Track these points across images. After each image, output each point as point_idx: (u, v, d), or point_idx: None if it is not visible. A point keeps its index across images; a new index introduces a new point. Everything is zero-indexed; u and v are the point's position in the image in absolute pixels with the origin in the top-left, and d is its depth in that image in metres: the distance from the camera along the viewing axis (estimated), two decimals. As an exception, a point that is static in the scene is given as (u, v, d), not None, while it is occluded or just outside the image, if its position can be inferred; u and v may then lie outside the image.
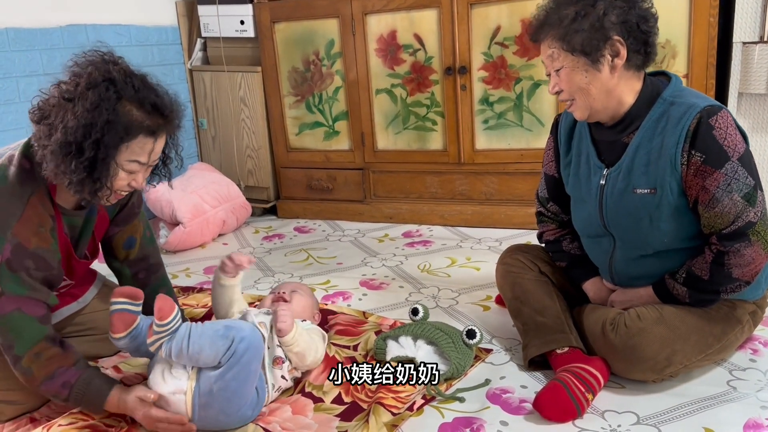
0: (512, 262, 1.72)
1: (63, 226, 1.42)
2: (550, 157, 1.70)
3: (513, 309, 1.67)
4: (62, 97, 1.25)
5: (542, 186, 1.74)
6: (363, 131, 2.85)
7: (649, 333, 1.41)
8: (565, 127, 1.63)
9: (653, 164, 1.42)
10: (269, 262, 2.48)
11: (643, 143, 1.44)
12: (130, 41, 2.85)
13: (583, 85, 1.41)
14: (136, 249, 1.65)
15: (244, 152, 3.14)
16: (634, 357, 1.41)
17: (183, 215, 2.62)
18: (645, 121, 1.43)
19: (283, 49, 2.92)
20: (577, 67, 1.40)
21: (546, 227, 1.75)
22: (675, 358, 1.41)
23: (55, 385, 1.34)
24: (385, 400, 1.41)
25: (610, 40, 1.36)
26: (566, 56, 1.40)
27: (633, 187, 1.45)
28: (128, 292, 1.37)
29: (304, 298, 1.67)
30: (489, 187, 2.72)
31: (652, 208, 1.43)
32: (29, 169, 1.34)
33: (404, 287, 2.13)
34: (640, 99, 1.44)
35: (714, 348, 1.45)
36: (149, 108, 1.29)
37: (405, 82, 2.73)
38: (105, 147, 1.25)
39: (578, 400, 1.37)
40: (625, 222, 1.49)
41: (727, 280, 1.40)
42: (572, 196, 1.64)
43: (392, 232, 2.75)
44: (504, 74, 2.55)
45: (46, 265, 1.35)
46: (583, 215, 1.59)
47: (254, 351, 1.32)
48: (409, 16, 2.64)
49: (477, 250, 2.44)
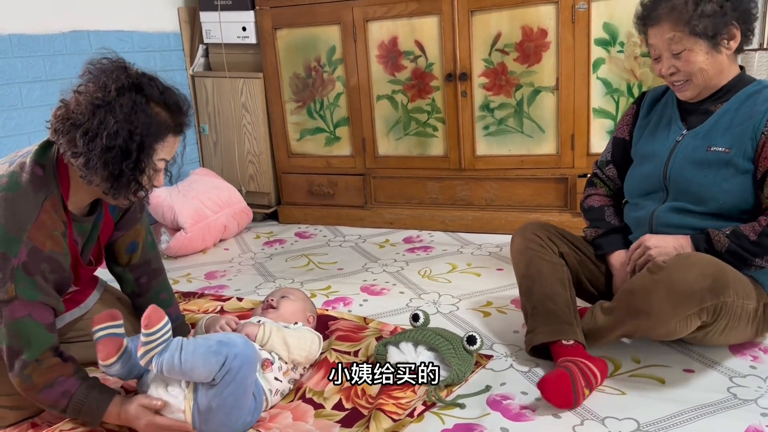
0: (533, 238, 1.69)
1: (73, 232, 1.43)
2: (626, 122, 1.77)
3: (524, 286, 1.66)
4: (94, 104, 1.27)
5: (606, 149, 1.81)
6: (364, 137, 2.86)
7: (701, 257, 1.43)
8: (651, 96, 1.72)
9: (735, 127, 1.50)
10: (270, 267, 2.49)
11: (730, 110, 1.52)
12: (132, 47, 2.86)
13: (704, 66, 1.49)
14: (138, 253, 1.66)
15: (245, 158, 3.15)
16: (694, 273, 1.37)
17: (184, 220, 2.63)
18: (739, 93, 1.52)
19: (285, 56, 2.93)
20: (699, 50, 1.48)
21: (595, 190, 1.81)
22: (730, 283, 1.39)
23: (55, 394, 1.33)
24: (386, 407, 1.41)
25: (729, 24, 1.46)
26: (689, 39, 1.47)
27: (708, 145, 1.52)
28: (108, 316, 1.36)
29: (293, 302, 1.69)
30: (489, 193, 2.72)
31: (721, 164, 1.50)
32: (42, 176, 1.35)
33: (405, 293, 2.14)
34: (736, 78, 1.54)
35: (749, 302, 1.44)
36: (174, 107, 1.34)
37: (406, 88, 2.74)
38: (147, 148, 1.30)
39: (578, 393, 1.41)
40: (689, 174, 1.54)
41: None
42: (639, 153, 1.69)
43: (393, 238, 2.75)
44: (504, 81, 2.56)
45: (60, 268, 1.36)
46: (645, 171, 1.64)
47: (249, 365, 1.32)
48: (410, 23, 2.65)
49: (477, 256, 2.45)
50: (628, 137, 1.75)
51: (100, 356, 1.34)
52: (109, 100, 1.27)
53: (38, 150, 1.38)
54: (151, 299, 1.69)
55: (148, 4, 2.95)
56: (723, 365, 1.56)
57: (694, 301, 1.37)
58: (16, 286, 1.29)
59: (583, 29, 2.40)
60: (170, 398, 1.33)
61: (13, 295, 1.29)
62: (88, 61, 1.33)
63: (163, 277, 1.73)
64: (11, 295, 1.29)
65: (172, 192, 2.74)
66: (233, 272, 2.47)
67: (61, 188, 1.37)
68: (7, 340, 1.31)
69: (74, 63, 2.58)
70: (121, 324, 1.37)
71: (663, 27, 1.50)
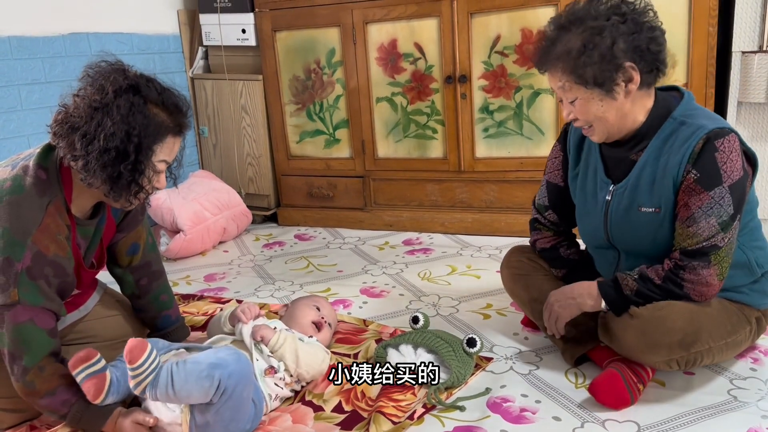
0: (518, 264, 1.72)
1: (77, 235, 1.43)
2: (555, 165, 1.68)
3: (536, 311, 1.65)
4: (91, 106, 1.27)
5: (542, 193, 1.72)
6: (363, 139, 2.86)
7: (676, 306, 1.40)
8: (574, 138, 1.62)
9: (658, 183, 1.42)
10: (269, 269, 2.48)
11: (650, 161, 1.43)
12: (131, 49, 2.86)
13: (600, 114, 1.40)
14: (139, 255, 1.66)
15: (245, 160, 3.15)
16: (663, 328, 1.37)
17: (184, 223, 2.63)
18: (654, 139, 1.43)
19: (284, 58, 2.93)
20: (592, 98, 1.38)
21: (540, 235, 1.73)
22: (702, 335, 1.39)
23: (56, 401, 1.33)
24: (386, 409, 1.41)
25: (622, 68, 1.34)
26: (579, 89, 1.38)
27: (638, 205, 1.46)
28: (81, 359, 1.31)
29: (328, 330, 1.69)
30: (489, 195, 2.72)
31: (656, 226, 1.44)
32: (45, 180, 1.35)
33: (404, 295, 2.13)
34: (650, 116, 1.43)
35: (731, 338, 1.45)
36: (172, 108, 1.34)
37: (405, 90, 2.74)
38: (145, 150, 1.30)
39: (633, 390, 1.41)
40: (630, 238, 1.49)
41: (676, 291, 1.40)
42: (578, 207, 1.63)
43: (392, 240, 2.75)
44: (504, 83, 2.56)
45: (63, 272, 1.36)
46: (590, 228, 1.59)
47: (244, 381, 1.30)
48: (410, 25, 2.65)
49: (477, 258, 2.44)
50: (562, 184, 1.66)
51: (89, 397, 1.31)
52: (106, 102, 1.27)
53: (41, 153, 1.38)
54: (151, 301, 1.69)
55: (148, 7, 2.95)
56: (723, 367, 1.56)
57: (663, 353, 1.39)
58: (19, 290, 1.28)
59: (583, 31, 2.39)
60: (168, 412, 1.32)
61: (16, 299, 1.29)
62: (87, 64, 1.33)
63: (164, 279, 1.73)
64: (14, 300, 1.28)
65: (172, 194, 2.74)
66: (232, 274, 2.46)
67: (64, 192, 1.37)
68: (8, 344, 1.31)
69: (73, 65, 2.58)
70: (99, 360, 1.32)
71: (553, 74, 1.40)
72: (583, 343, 1.57)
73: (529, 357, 1.67)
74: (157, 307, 1.70)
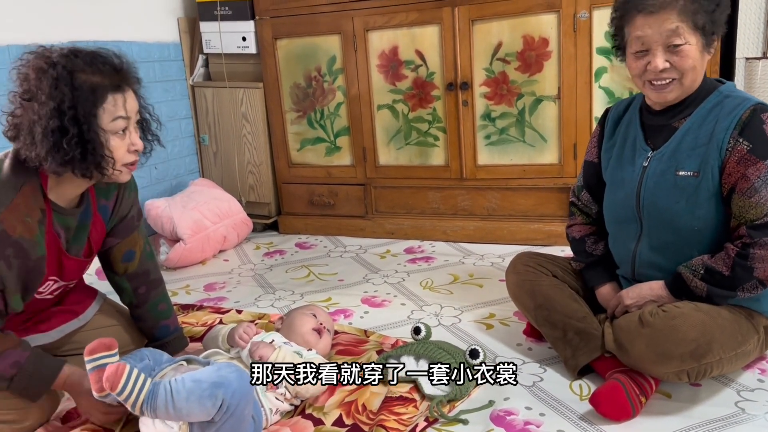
0: (524, 270, 1.71)
1: (53, 222, 1.41)
2: (593, 143, 1.71)
3: (540, 318, 1.64)
4: (23, 98, 1.27)
5: (580, 175, 1.76)
6: (365, 146, 2.85)
7: (689, 316, 1.38)
8: (614, 115, 1.65)
9: (700, 148, 1.43)
10: (270, 278, 2.46)
11: (693, 128, 1.45)
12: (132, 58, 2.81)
13: (696, 65, 1.40)
14: (135, 262, 1.64)
15: (245, 168, 3.13)
16: (675, 338, 1.36)
17: (183, 231, 2.61)
18: (699, 108, 1.45)
19: (285, 65, 2.92)
20: (698, 47, 1.39)
21: (574, 220, 1.77)
22: (714, 346, 1.37)
23: (4, 365, 1.33)
24: (387, 423, 1.39)
25: (721, 26, 1.40)
26: (692, 34, 1.38)
27: (676, 169, 1.46)
28: (102, 345, 1.29)
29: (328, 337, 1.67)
30: (491, 203, 2.70)
31: (691, 190, 1.44)
32: (23, 163, 1.34)
33: (406, 305, 2.11)
34: (699, 88, 1.46)
35: (741, 348, 1.43)
36: (104, 69, 1.31)
37: (407, 97, 2.72)
38: (84, 117, 1.27)
39: (634, 402, 1.38)
40: (662, 203, 1.48)
41: (747, 276, 1.38)
42: (609, 180, 1.64)
43: (394, 248, 2.73)
44: (506, 90, 2.54)
45: (25, 255, 1.34)
46: (618, 198, 1.59)
47: (246, 398, 1.27)
48: (411, 33, 2.64)
49: (480, 267, 2.42)
50: (596, 160, 1.69)
51: (94, 388, 1.28)
52: (30, 88, 1.26)
53: None
54: (149, 310, 1.67)
55: (148, 15, 2.94)
56: (730, 379, 1.53)
57: (674, 364, 1.38)
58: None
59: (585, 38, 2.38)
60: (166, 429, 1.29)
61: None
62: (12, 63, 1.32)
63: (162, 288, 1.71)
64: None
65: (172, 203, 2.72)
66: (233, 284, 2.44)
67: (41, 178, 1.37)
68: None
69: (73, 73, 2.56)
70: (115, 353, 1.31)
71: (664, 16, 1.36)
72: (587, 353, 1.55)
73: (533, 368, 1.64)
74: (155, 316, 1.68)
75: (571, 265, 1.75)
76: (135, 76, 1.39)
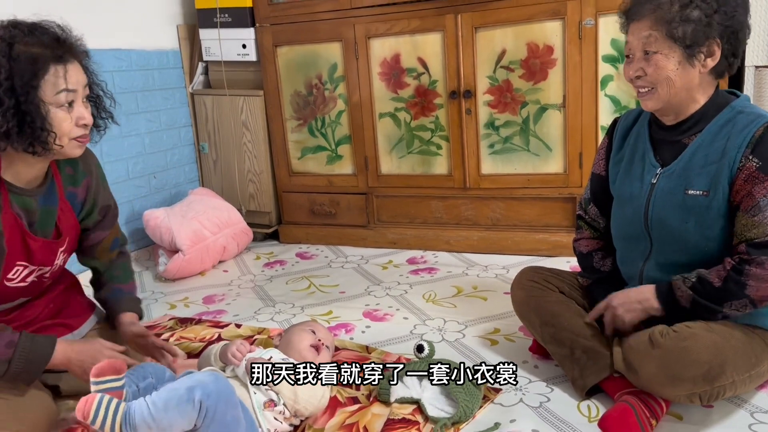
0: (530, 286, 1.67)
1: (9, 202, 1.38)
2: (601, 156, 1.66)
3: (547, 335, 1.60)
4: None
5: (587, 188, 1.72)
6: (366, 155, 2.80)
7: (700, 337, 1.33)
8: (622, 126, 1.60)
9: (711, 165, 1.38)
10: (270, 290, 2.42)
11: (704, 145, 1.40)
12: (130, 66, 2.81)
13: (671, 76, 1.37)
14: (117, 249, 1.73)
15: (245, 176, 3.09)
16: (687, 360, 1.31)
17: (182, 242, 2.57)
18: (711, 124, 1.41)
19: (286, 73, 2.88)
20: (672, 57, 1.36)
21: (581, 234, 1.72)
22: (726, 367, 1.32)
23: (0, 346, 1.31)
24: (390, 447, 1.34)
25: (711, 39, 1.34)
26: (665, 43, 1.35)
27: (685, 188, 1.41)
28: (111, 368, 1.24)
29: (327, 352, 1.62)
30: (495, 213, 2.66)
31: (702, 210, 1.39)
32: None
33: (409, 318, 2.07)
34: (709, 103, 1.41)
35: (755, 369, 1.38)
36: (45, 40, 1.29)
37: (409, 105, 2.68)
38: (22, 88, 1.24)
39: (645, 425, 1.34)
40: (671, 222, 1.43)
41: (737, 292, 1.33)
42: (617, 194, 1.59)
43: (396, 259, 2.69)
44: (510, 98, 2.50)
45: None
46: (626, 214, 1.54)
47: (225, 399, 1.24)
48: (413, 40, 2.60)
49: (484, 278, 2.38)
50: (604, 173, 1.64)
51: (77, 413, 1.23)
52: None
53: None
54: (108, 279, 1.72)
55: (147, 22, 2.91)
56: (744, 400, 1.48)
57: (686, 386, 1.34)
58: None
59: (591, 46, 2.34)
60: None
61: None
62: None
63: (127, 257, 1.77)
64: None
65: (171, 213, 2.68)
66: (232, 296, 2.40)
67: None
68: None
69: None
70: (122, 378, 1.26)
71: (642, 23, 1.37)
72: (595, 372, 1.50)
73: (540, 387, 1.60)
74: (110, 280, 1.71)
75: (578, 280, 1.70)
76: (81, 49, 1.37)
